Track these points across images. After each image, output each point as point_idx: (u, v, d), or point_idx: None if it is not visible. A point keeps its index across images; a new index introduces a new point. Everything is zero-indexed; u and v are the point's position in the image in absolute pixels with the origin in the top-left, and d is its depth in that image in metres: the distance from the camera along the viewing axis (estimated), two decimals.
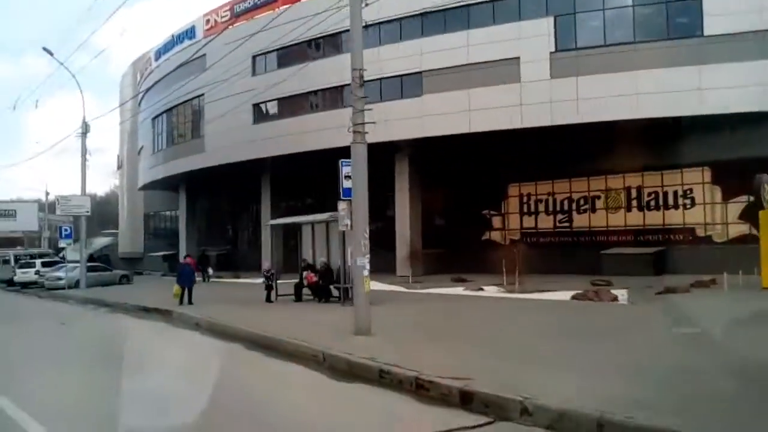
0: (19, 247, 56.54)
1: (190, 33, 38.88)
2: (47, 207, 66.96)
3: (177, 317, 17.29)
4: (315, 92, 32.06)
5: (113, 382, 7.65)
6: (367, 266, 11.44)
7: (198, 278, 37.20)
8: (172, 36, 40.59)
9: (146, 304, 20.66)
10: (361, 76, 11.82)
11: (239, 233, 46.29)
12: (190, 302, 19.53)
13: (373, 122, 11.99)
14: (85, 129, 30.58)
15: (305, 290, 19.52)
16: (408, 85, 28.36)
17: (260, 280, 31.52)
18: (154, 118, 43.87)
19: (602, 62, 24.45)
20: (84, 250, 30.72)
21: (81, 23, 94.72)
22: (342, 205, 13.25)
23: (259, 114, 34.53)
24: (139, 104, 48.04)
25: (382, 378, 8.41)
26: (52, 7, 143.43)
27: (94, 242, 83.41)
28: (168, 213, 52.10)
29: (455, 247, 30.40)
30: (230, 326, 14.18)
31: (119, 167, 60.14)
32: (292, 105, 33.35)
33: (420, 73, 27.98)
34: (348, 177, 12.91)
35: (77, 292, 28.21)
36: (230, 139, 34.56)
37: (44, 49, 29.24)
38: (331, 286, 18.68)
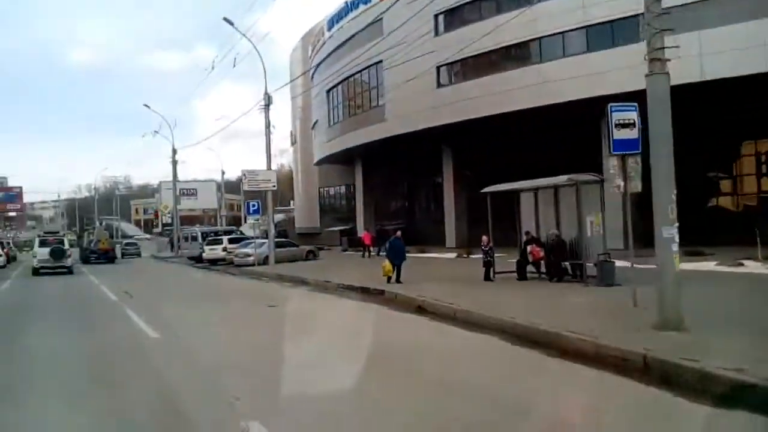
0: (198, 225, 58.99)
1: None
2: (223, 186, 69.57)
3: (391, 298, 15.38)
4: (503, 49, 29.09)
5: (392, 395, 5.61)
6: (677, 238, 8.61)
7: (374, 252, 36.22)
8: (346, 2, 39.10)
9: (349, 281, 19.06)
10: None
11: (418, 206, 44.41)
12: (398, 281, 17.65)
13: (677, 46, 9.07)
14: (268, 101, 29.74)
15: (529, 267, 16.91)
16: (620, 31, 24.67)
17: (450, 255, 29.79)
18: (328, 91, 42.95)
19: None
20: (272, 225, 30.09)
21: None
22: (613, 161, 10.46)
23: (443, 77, 32.13)
24: (312, 78, 47.50)
25: None
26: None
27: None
28: (343, 187, 51.46)
29: None
30: (463, 311, 11.96)
31: (293, 143, 60.62)
32: (479, 65, 30.68)
33: (635, 16, 24.16)
34: (622, 125, 10.11)
35: (268, 269, 27.51)
36: (412, 107, 32.53)
37: (225, 19, 28.59)
38: (565, 263, 15.93)
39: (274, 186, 29.87)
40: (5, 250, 46.17)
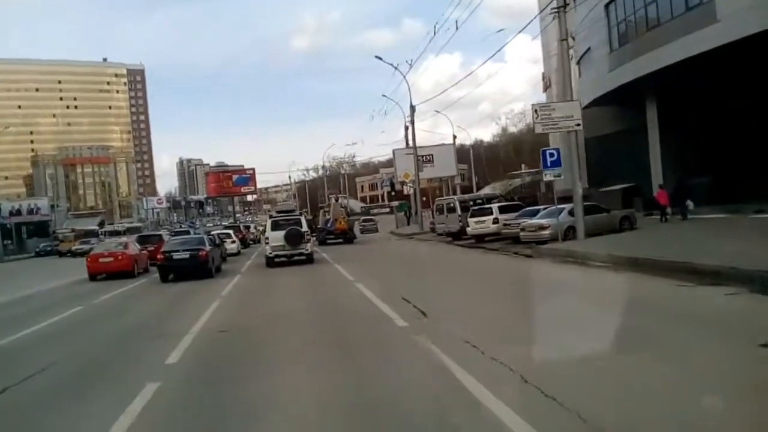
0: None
1: None
2: (455, 150, 61.53)
3: None
4: None
5: None
6: None
7: (674, 215, 26.23)
8: None
9: None
10: None
11: (746, 149, 32.04)
12: None
13: None
14: (564, 2, 20.68)
15: None
16: None
17: None
18: (607, 5, 32.61)
19: None
20: (578, 183, 21.15)
21: None
22: None
23: None
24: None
25: None
26: None
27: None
28: (621, 134, 40.54)
29: None
30: None
31: (546, 88, 50.88)
32: None
33: None
34: None
35: (582, 247, 18.69)
36: None
37: None
38: None
39: (578, 125, 20.92)
40: (240, 235, 42.04)
